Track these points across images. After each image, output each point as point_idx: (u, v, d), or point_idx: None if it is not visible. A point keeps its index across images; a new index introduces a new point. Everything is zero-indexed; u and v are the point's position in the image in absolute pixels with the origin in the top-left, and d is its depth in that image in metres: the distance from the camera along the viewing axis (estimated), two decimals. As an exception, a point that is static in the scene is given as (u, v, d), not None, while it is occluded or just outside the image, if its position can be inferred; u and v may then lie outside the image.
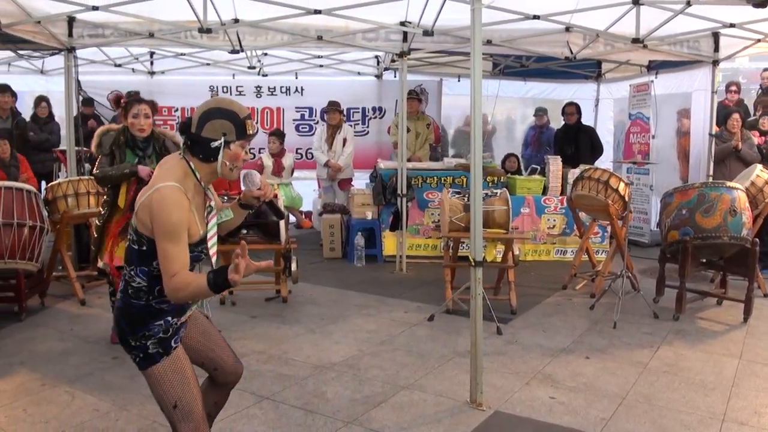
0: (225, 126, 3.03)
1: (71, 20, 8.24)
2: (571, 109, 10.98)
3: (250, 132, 3.12)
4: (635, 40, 8.18)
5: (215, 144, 3.02)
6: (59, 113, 10.66)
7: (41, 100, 10.84)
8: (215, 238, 3.19)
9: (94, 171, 5.71)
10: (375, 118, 13.08)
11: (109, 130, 5.77)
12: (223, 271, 2.82)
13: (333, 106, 10.85)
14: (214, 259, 3.20)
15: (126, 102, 5.70)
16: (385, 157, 11.75)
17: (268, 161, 10.69)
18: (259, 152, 11.30)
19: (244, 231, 7.35)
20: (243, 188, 3.33)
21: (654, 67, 11.30)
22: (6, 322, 6.82)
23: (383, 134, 12.87)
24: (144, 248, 3.02)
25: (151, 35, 8.44)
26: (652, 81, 10.98)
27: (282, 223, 7.17)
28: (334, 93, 11.79)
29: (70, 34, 8.32)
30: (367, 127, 13.12)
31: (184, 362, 3.15)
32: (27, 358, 5.88)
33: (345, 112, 11.68)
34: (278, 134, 10.86)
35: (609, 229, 9.01)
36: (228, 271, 2.79)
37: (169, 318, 3.14)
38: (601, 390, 5.15)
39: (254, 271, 2.84)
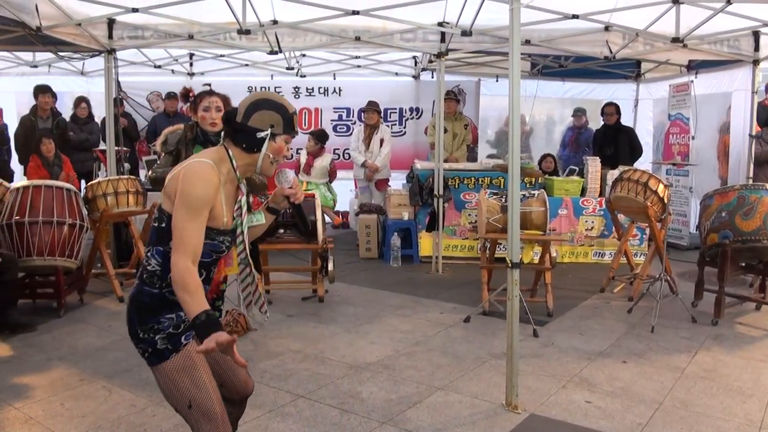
0: (274, 118, 3.00)
1: (111, 22, 8.34)
2: (611, 110, 10.89)
3: (296, 129, 3.11)
4: (675, 40, 8.08)
5: (261, 134, 2.98)
6: (99, 114, 10.81)
7: (81, 101, 11.01)
8: (243, 239, 3.12)
9: (149, 174, 5.65)
10: (412, 118, 13.09)
11: (177, 129, 5.39)
12: (216, 325, 2.64)
13: (371, 106, 10.87)
14: (241, 257, 3.16)
15: (195, 95, 5.35)
16: (421, 157, 11.75)
17: (302, 159, 10.82)
18: (297, 152, 11.34)
19: (281, 231, 7.39)
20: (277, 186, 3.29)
21: (694, 66, 11.16)
22: (45, 318, 6.95)
23: (420, 135, 12.87)
24: (163, 225, 2.91)
25: (191, 37, 8.51)
26: (692, 81, 10.86)
27: (319, 223, 7.20)
28: (371, 94, 11.80)
29: (110, 36, 8.42)
30: (404, 127, 13.13)
31: (196, 359, 2.96)
32: (66, 353, 5.98)
33: (382, 113, 11.70)
34: (315, 134, 10.93)
35: (648, 231, 8.93)
36: (216, 336, 2.58)
37: (182, 313, 2.92)
38: (637, 395, 5.11)
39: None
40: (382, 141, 10.84)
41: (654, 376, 5.47)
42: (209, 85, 4.99)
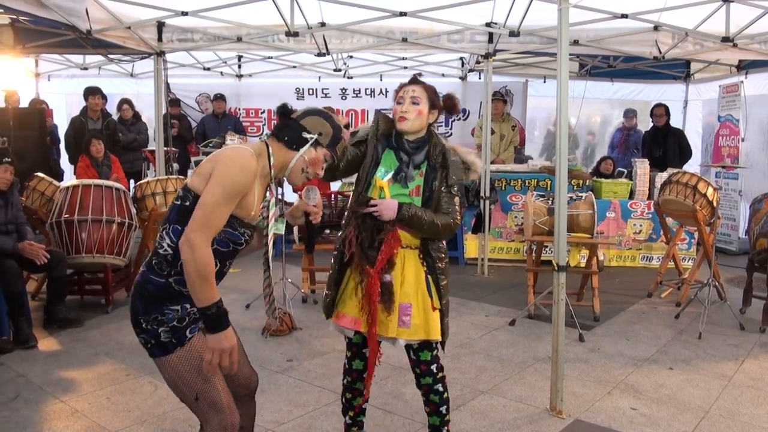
0: (325, 128, 3.01)
1: (161, 25, 8.46)
2: (660, 111, 10.75)
3: (340, 150, 3.11)
4: (725, 39, 7.95)
5: (307, 135, 2.98)
6: (149, 115, 10.95)
7: (123, 103, 11.17)
8: (268, 241, 3.07)
9: None
10: (459, 120, 13.05)
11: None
12: (226, 321, 2.71)
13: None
14: (265, 257, 3.09)
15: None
16: (468, 159, 11.69)
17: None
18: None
19: (327, 231, 7.43)
20: (302, 200, 3.26)
21: (744, 67, 10.96)
22: (93, 313, 7.09)
23: (467, 136, 12.81)
24: (187, 203, 2.76)
25: (239, 39, 8.59)
26: (742, 81, 10.68)
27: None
28: (418, 95, 11.78)
29: (160, 39, 8.55)
30: (451, 129, 13.11)
31: (202, 353, 2.82)
32: (112, 348, 6.09)
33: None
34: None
35: (696, 235, 8.80)
36: (220, 348, 2.69)
37: (188, 305, 2.84)
38: (683, 402, 5.03)
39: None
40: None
41: (700, 384, 5.39)
42: (419, 74, 3.88)
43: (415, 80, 3.89)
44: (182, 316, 2.84)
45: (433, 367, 3.84)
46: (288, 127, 2.99)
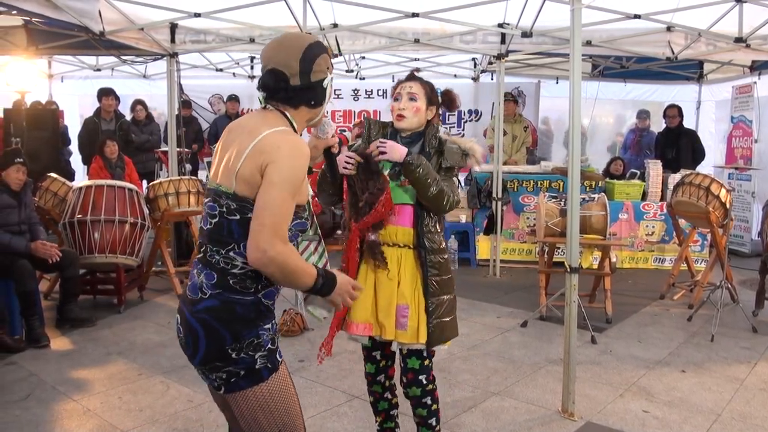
0: (327, 60, 2.64)
1: (174, 27, 8.48)
2: (673, 112, 10.70)
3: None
4: (738, 40, 7.90)
5: (326, 83, 2.64)
6: (163, 116, 10.99)
7: (137, 104, 11.22)
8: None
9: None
10: (471, 120, 13.05)
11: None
12: (334, 277, 2.55)
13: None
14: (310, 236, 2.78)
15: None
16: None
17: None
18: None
19: (339, 232, 7.43)
20: (316, 136, 2.95)
21: (757, 67, 10.86)
22: (106, 313, 7.13)
23: (479, 137, 12.77)
24: (248, 215, 2.40)
25: (252, 40, 8.59)
26: (755, 82, 10.62)
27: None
28: (430, 96, 11.78)
29: (173, 40, 8.57)
30: (463, 129, 13.10)
31: (289, 379, 2.62)
32: (125, 348, 6.12)
33: (441, 115, 11.65)
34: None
35: (709, 237, 8.76)
36: (344, 290, 2.57)
37: (275, 321, 2.60)
38: (696, 405, 5.01)
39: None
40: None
41: (713, 387, 5.37)
42: (417, 70, 3.52)
43: (412, 76, 3.77)
44: (273, 335, 2.56)
45: (422, 378, 3.65)
46: (306, 90, 2.58)
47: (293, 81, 2.54)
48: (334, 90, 12.54)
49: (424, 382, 3.66)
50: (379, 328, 3.56)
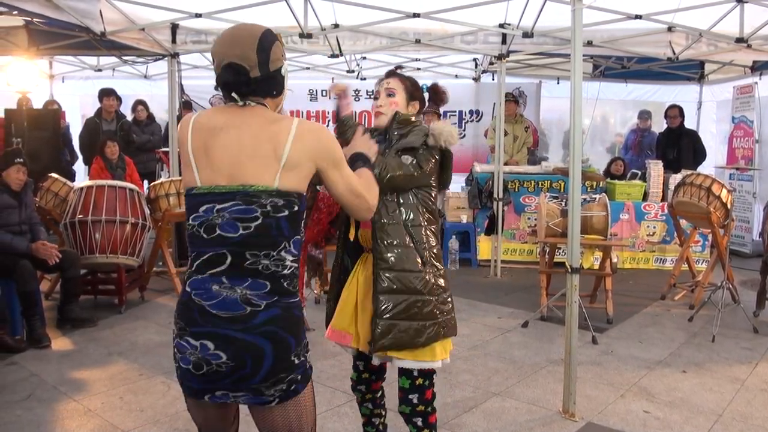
0: (281, 47, 2.54)
1: (174, 27, 8.49)
2: (674, 112, 10.69)
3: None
4: (739, 40, 7.88)
5: (284, 69, 2.54)
6: (164, 116, 10.98)
7: (138, 104, 11.21)
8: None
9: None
10: (472, 121, 13.03)
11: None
12: (367, 156, 2.82)
13: (430, 108, 10.76)
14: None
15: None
16: (481, 160, 11.70)
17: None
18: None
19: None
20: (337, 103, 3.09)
21: (758, 68, 10.85)
22: (107, 314, 7.13)
23: (480, 137, 12.81)
24: (296, 208, 2.39)
25: (254, 41, 8.59)
26: (756, 82, 10.62)
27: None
28: (431, 96, 11.78)
29: (174, 41, 8.58)
30: (464, 130, 13.08)
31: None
32: (125, 348, 6.12)
33: (442, 116, 11.65)
34: None
35: (710, 237, 8.75)
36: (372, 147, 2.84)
37: None
38: (697, 406, 5.01)
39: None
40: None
41: (714, 387, 5.37)
42: (400, 67, 3.40)
43: (391, 73, 3.65)
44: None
45: (413, 398, 3.44)
46: (268, 80, 2.48)
47: (253, 73, 2.42)
48: (335, 90, 12.72)
49: (415, 401, 3.44)
50: (357, 339, 3.40)
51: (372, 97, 3.59)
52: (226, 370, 2.33)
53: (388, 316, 3.26)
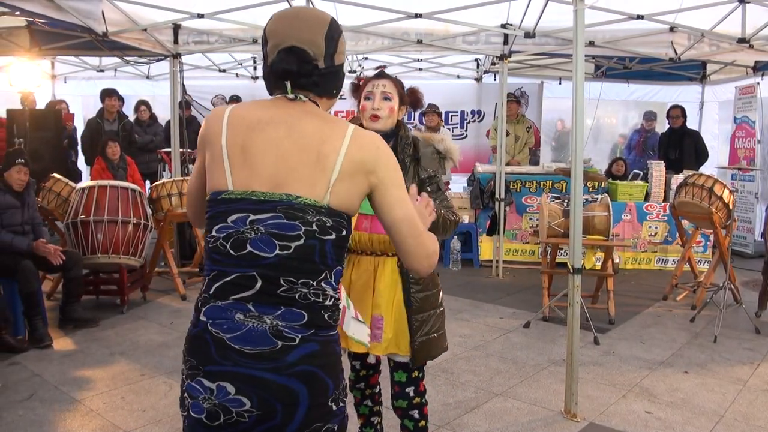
0: (344, 41, 2.15)
1: (176, 27, 8.49)
2: (677, 113, 10.68)
3: None
4: (741, 40, 7.88)
5: (345, 67, 2.18)
6: (165, 116, 11.00)
7: (141, 104, 11.25)
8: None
9: None
10: (474, 121, 13.03)
11: None
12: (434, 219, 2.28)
13: (431, 108, 10.83)
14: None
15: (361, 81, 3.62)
16: (483, 160, 11.68)
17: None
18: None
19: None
20: None
21: (760, 68, 10.84)
22: (108, 314, 7.13)
23: (482, 138, 12.81)
24: (344, 233, 2.00)
25: (255, 41, 8.59)
26: (758, 83, 10.60)
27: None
28: (433, 96, 11.72)
29: (176, 41, 8.58)
30: (466, 130, 13.08)
31: None
32: (127, 348, 6.12)
33: (443, 116, 11.66)
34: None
35: (712, 238, 8.75)
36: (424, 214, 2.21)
37: None
38: (698, 407, 5.01)
39: None
40: (442, 143, 10.73)
41: (716, 388, 5.36)
42: (384, 67, 3.30)
43: (383, 74, 3.47)
44: None
45: (409, 391, 3.48)
46: (330, 75, 2.10)
47: (319, 63, 2.04)
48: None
49: (411, 394, 3.48)
50: (344, 339, 3.15)
51: (364, 97, 3.44)
52: (249, 421, 1.91)
53: (423, 332, 3.40)
